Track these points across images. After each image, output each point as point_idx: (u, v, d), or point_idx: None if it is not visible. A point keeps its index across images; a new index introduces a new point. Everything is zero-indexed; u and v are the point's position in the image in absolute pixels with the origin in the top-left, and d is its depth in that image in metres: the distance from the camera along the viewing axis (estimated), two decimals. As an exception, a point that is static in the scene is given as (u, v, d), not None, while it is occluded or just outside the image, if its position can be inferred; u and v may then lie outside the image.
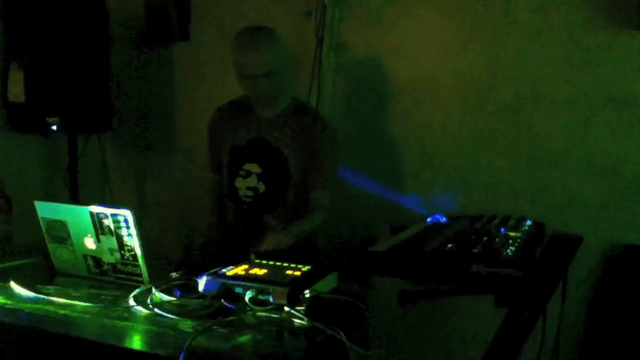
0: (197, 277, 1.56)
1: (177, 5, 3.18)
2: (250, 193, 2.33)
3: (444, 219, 2.01)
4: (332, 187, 2.34)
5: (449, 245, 1.61)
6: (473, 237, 1.70)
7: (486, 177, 2.63)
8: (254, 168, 2.32)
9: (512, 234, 1.77)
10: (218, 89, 3.18)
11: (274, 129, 2.32)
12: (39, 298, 1.58)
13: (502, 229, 1.81)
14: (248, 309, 1.44)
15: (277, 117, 2.33)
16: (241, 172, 2.34)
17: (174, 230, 3.38)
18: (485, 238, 1.69)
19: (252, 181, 2.32)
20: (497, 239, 1.69)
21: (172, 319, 1.42)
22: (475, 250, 1.57)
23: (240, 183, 2.34)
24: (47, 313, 1.48)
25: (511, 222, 1.98)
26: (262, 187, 2.31)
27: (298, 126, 2.31)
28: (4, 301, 1.56)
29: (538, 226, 1.98)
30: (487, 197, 2.61)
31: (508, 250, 1.57)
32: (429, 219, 2.02)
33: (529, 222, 1.98)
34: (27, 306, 1.53)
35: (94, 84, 2.83)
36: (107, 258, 1.69)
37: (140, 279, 1.66)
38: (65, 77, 2.72)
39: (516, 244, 1.64)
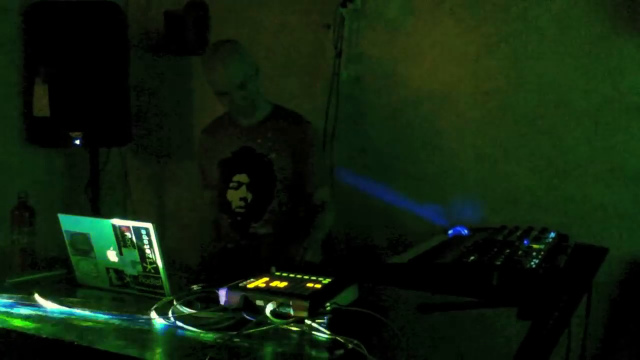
0: (218, 290, 1.57)
1: (196, 17, 3.21)
2: (242, 204, 2.35)
3: (466, 231, 2.00)
4: (329, 182, 2.43)
5: (471, 257, 1.60)
6: (495, 249, 1.69)
7: (507, 187, 2.61)
8: (243, 178, 2.35)
9: (535, 245, 1.74)
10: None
11: (257, 136, 2.35)
12: (62, 310, 1.60)
13: (525, 241, 1.79)
14: (269, 321, 1.44)
15: (258, 123, 2.37)
16: (232, 184, 2.36)
17: (194, 239, 3.39)
18: (508, 250, 1.67)
19: (243, 192, 2.35)
20: (519, 251, 1.67)
21: (193, 331, 1.43)
22: (497, 262, 1.55)
23: (231, 195, 2.36)
24: (70, 325, 1.49)
25: (534, 234, 1.95)
26: (249, 197, 2.34)
27: (279, 129, 2.35)
28: (28, 313, 1.58)
29: (561, 237, 1.95)
30: (509, 207, 2.59)
31: (531, 263, 1.55)
32: (450, 231, 2.00)
33: (552, 234, 1.95)
34: (50, 318, 1.54)
35: (115, 97, 2.86)
36: (129, 270, 1.71)
37: (162, 291, 1.66)
38: (87, 90, 2.76)
39: (540, 256, 1.62)
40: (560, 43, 2.49)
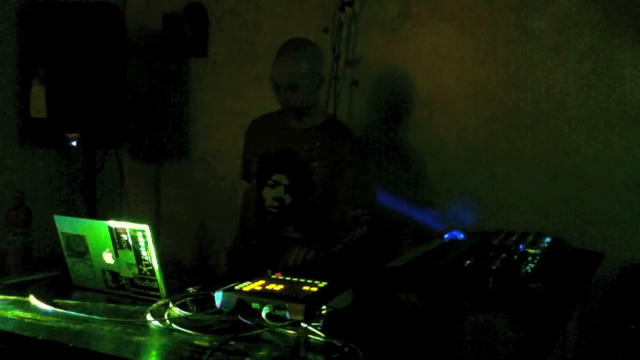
0: (214, 292, 1.56)
1: (195, 19, 3.21)
2: (276, 204, 2.33)
3: (462, 235, 2.00)
4: (372, 203, 2.33)
5: (467, 262, 1.60)
6: (491, 253, 1.69)
7: (503, 191, 2.62)
8: (282, 179, 2.33)
9: (531, 250, 1.75)
10: (234, 102, 3.21)
11: (304, 142, 2.33)
12: (57, 312, 1.59)
13: (521, 246, 1.80)
14: (264, 324, 1.44)
15: (308, 129, 2.35)
16: (269, 182, 2.34)
17: (190, 241, 3.39)
18: (504, 255, 1.68)
19: (279, 192, 2.33)
20: (515, 256, 1.68)
21: (189, 334, 1.42)
22: (493, 267, 1.56)
23: (267, 193, 2.35)
24: (64, 327, 1.48)
25: (529, 239, 1.96)
26: (288, 199, 2.32)
27: (327, 140, 2.33)
28: (22, 315, 1.57)
29: (557, 243, 1.96)
30: (505, 212, 2.59)
31: (527, 267, 1.56)
32: (446, 235, 2.01)
33: (548, 239, 1.96)
34: (45, 320, 1.54)
35: (112, 98, 2.86)
36: (125, 272, 1.70)
37: (158, 293, 1.66)
38: (84, 92, 2.76)
39: (535, 261, 1.63)
40: (557, 49, 2.50)
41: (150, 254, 1.63)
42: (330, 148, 2.31)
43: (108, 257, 1.71)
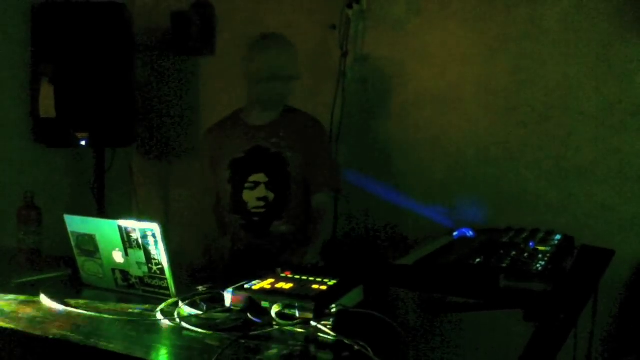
0: (223, 291, 1.56)
1: (202, 17, 3.21)
2: (262, 203, 2.33)
3: (471, 232, 1.99)
4: (334, 186, 2.40)
5: (477, 259, 1.60)
6: (501, 251, 1.68)
7: (513, 188, 2.60)
8: (261, 178, 2.33)
9: (541, 248, 1.74)
10: (241, 99, 3.20)
11: (271, 135, 2.34)
12: (67, 311, 1.60)
13: (531, 243, 1.79)
14: (274, 323, 1.44)
15: (271, 123, 2.36)
16: (247, 185, 2.33)
17: (199, 240, 3.39)
18: (514, 252, 1.67)
19: (261, 191, 2.33)
20: (525, 253, 1.67)
21: (198, 332, 1.42)
22: (503, 265, 1.55)
23: (248, 196, 2.33)
24: (75, 326, 1.49)
25: (540, 236, 1.95)
26: (271, 196, 2.32)
27: (292, 128, 2.35)
28: (33, 314, 1.58)
29: (567, 240, 1.95)
30: (515, 209, 2.58)
31: (537, 265, 1.55)
32: (455, 233, 2.00)
33: (558, 236, 1.95)
34: (55, 318, 1.54)
35: (121, 97, 2.87)
36: (135, 271, 1.71)
37: (168, 292, 1.66)
38: (93, 91, 2.77)
39: (546, 258, 1.62)
40: (566, 44, 2.48)
41: (160, 253, 1.63)
42: (296, 136, 2.34)
43: (118, 256, 1.72)
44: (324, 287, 1.57)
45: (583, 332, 1.74)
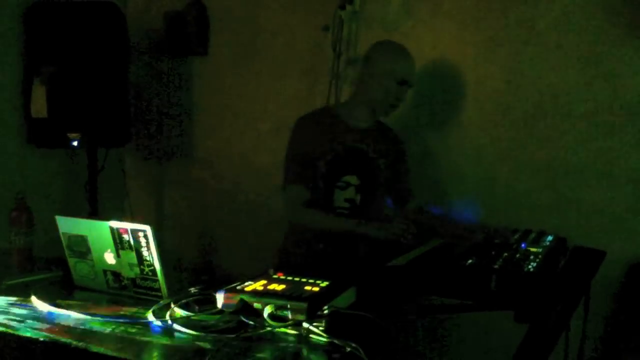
0: (216, 292, 1.56)
1: (196, 18, 3.21)
2: (347, 205, 2.30)
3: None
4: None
5: (469, 260, 1.60)
6: (493, 252, 1.69)
7: (505, 189, 2.61)
8: (353, 180, 2.30)
9: (533, 249, 1.75)
10: (235, 101, 3.21)
11: (368, 140, 2.33)
12: (58, 312, 1.59)
13: (523, 244, 1.79)
14: (266, 324, 1.43)
15: (368, 129, 2.35)
16: (339, 184, 2.29)
17: (193, 241, 3.39)
18: (506, 253, 1.68)
19: (350, 193, 2.30)
20: (517, 254, 1.67)
21: (190, 334, 1.42)
22: (495, 266, 1.55)
23: (337, 195, 2.29)
24: (66, 327, 1.48)
25: (532, 237, 1.96)
26: (358, 199, 2.31)
27: (386, 137, 2.39)
28: (24, 315, 1.57)
29: (559, 241, 1.96)
30: (507, 210, 2.59)
31: (529, 266, 1.55)
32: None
33: (550, 237, 1.96)
34: (46, 320, 1.54)
35: (114, 98, 2.86)
36: (127, 273, 1.70)
37: (159, 293, 1.66)
38: (86, 91, 2.75)
39: (537, 260, 1.62)
40: (558, 46, 2.50)
41: (151, 254, 1.63)
42: (387, 147, 2.37)
43: (110, 258, 1.71)
44: (316, 289, 1.57)
45: (575, 333, 1.75)
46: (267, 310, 1.44)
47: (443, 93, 2.71)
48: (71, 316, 1.56)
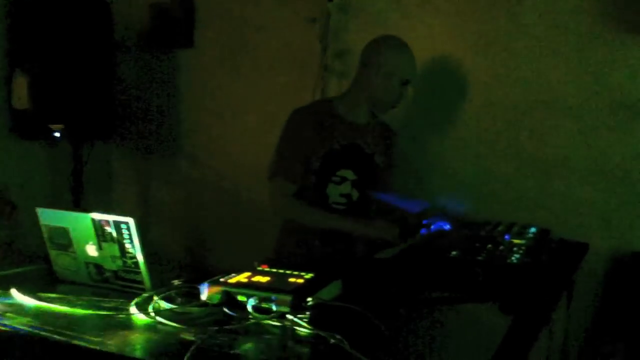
0: (199, 285, 1.55)
1: (181, 10, 3.18)
2: (343, 200, 2.27)
3: (447, 225, 2.00)
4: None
5: (454, 253, 1.60)
6: (477, 244, 1.69)
7: (491, 182, 2.62)
8: (349, 174, 2.28)
9: (516, 241, 1.75)
10: (221, 93, 3.19)
11: (368, 136, 2.32)
12: (39, 305, 1.57)
13: (507, 236, 1.80)
14: (250, 317, 1.43)
15: (367, 124, 2.33)
16: (334, 179, 2.26)
17: (179, 235, 3.37)
18: (490, 245, 1.68)
19: (346, 188, 2.27)
20: (501, 246, 1.68)
21: (173, 326, 1.41)
22: (479, 258, 1.55)
23: (331, 190, 2.26)
24: (47, 321, 1.47)
25: (515, 229, 1.96)
26: (355, 195, 2.28)
27: (381, 133, 2.37)
28: (4, 309, 1.55)
29: (543, 233, 1.97)
30: (492, 203, 2.60)
31: (513, 258, 1.56)
32: (432, 226, 2.01)
33: (533, 229, 1.97)
34: (27, 313, 1.52)
35: (99, 90, 2.84)
36: (109, 265, 1.68)
37: (142, 286, 1.64)
38: (70, 83, 2.73)
39: (521, 251, 1.63)
40: (546, 41, 2.50)
41: (134, 247, 1.61)
42: (384, 141, 2.36)
43: (92, 250, 1.69)
44: (301, 281, 1.57)
45: (558, 325, 1.76)
46: (251, 303, 1.44)
47: (431, 85, 2.71)
48: (52, 309, 1.54)
